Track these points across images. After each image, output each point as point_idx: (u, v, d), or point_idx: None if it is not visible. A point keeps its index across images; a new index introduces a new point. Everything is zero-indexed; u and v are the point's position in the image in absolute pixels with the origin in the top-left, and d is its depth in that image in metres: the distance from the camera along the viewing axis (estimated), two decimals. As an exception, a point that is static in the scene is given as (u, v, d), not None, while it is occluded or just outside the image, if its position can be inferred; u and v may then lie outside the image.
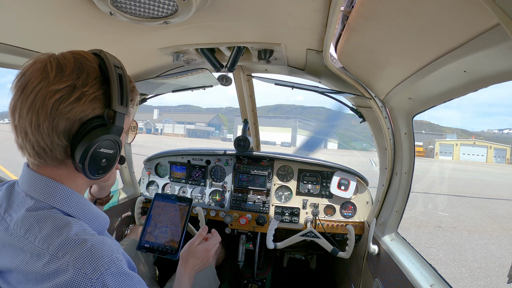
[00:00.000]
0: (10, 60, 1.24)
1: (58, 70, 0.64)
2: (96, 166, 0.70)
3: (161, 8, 0.91)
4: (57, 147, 0.66)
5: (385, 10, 0.85)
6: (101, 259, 0.61)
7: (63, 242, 0.62)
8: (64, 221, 0.66)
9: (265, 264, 2.40)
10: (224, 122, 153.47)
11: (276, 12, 1.01)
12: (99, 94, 0.68)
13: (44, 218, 0.66)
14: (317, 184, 2.18)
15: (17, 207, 0.70)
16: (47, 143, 0.65)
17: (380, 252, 1.69)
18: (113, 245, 0.67)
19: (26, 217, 0.66)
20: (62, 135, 0.65)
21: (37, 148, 0.66)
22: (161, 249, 1.36)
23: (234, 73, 1.94)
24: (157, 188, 2.41)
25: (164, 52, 1.43)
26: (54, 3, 0.90)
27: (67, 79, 0.64)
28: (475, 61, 0.82)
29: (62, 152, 0.67)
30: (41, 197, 0.69)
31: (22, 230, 0.65)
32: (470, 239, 6.36)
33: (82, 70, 0.67)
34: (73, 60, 0.67)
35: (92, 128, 0.67)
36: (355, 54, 1.25)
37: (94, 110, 0.67)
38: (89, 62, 0.69)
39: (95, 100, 0.67)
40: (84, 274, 0.59)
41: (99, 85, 0.68)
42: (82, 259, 0.60)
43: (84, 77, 0.66)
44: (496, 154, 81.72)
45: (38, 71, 0.64)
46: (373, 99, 1.49)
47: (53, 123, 0.64)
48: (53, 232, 0.63)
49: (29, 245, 0.63)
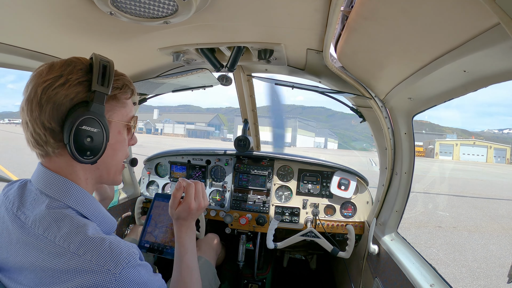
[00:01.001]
0: (10, 60, 1.24)
1: (50, 67, 0.74)
2: (81, 145, 0.73)
3: (161, 8, 0.91)
4: (49, 132, 0.72)
5: (384, 10, 0.85)
6: (120, 254, 0.67)
7: (83, 241, 0.67)
8: (80, 221, 0.71)
9: (265, 264, 2.40)
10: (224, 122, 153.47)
11: (276, 12, 1.01)
12: (83, 80, 0.74)
13: (62, 217, 0.70)
14: (317, 184, 2.18)
15: (31, 205, 0.74)
16: (41, 129, 0.72)
17: (380, 252, 1.69)
18: (126, 241, 0.73)
19: (43, 216, 0.70)
20: (51, 119, 0.71)
21: (34, 135, 0.73)
22: (161, 249, 1.36)
23: (234, 73, 1.93)
24: (157, 188, 2.41)
25: (164, 52, 1.43)
26: (54, 3, 0.90)
27: (56, 71, 0.72)
28: (475, 60, 0.82)
29: (55, 137, 0.73)
30: (56, 195, 0.74)
31: (40, 229, 0.69)
32: (470, 239, 6.36)
33: (70, 64, 0.74)
34: (65, 60, 0.76)
35: (76, 109, 0.72)
36: (355, 54, 1.25)
37: (78, 94, 0.73)
38: (79, 60, 0.76)
39: (79, 84, 0.73)
40: (107, 270, 0.65)
41: (84, 73, 0.74)
42: (104, 256, 0.66)
43: (70, 68, 0.74)
44: (496, 154, 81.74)
45: (37, 73, 0.74)
46: (373, 99, 1.49)
47: (42, 108, 0.70)
48: (71, 231, 0.68)
49: (49, 244, 0.67)
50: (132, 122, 0.88)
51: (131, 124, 0.88)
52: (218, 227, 2.29)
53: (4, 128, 45.93)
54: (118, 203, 2.17)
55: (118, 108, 0.83)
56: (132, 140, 0.92)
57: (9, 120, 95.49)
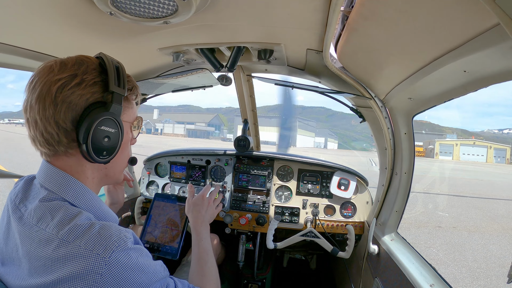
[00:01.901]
0: (10, 60, 1.24)
1: (61, 65, 0.72)
2: (99, 145, 0.73)
3: (161, 8, 0.91)
4: (63, 131, 0.71)
5: (384, 10, 0.85)
6: (110, 238, 0.66)
7: (72, 227, 0.66)
8: (75, 211, 0.71)
9: (265, 264, 2.40)
10: (224, 122, 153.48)
11: (276, 12, 1.01)
12: (98, 80, 0.74)
13: (57, 207, 0.71)
14: (317, 184, 2.18)
15: (32, 198, 0.75)
16: (54, 128, 0.71)
17: (380, 252, 1.69)
18: (121, 227, 0.72)
19: (39, 207, 0.71)
20: (66, 118, 0.71)
21: (45, 134, 0.71)
22: (161, 249, 1.36)
23: (234, 73, 1.93)
24: (157, 188, 2.40)
25: (164, 52, 1.43)
26: (53, 3, 0.90)
27: (69, 70, 0.72)
28: (475, 61, 0.82)
29: (68, 136, 0.72)
30: (54, 189, 0.74)
31: (34, 219, 0.69)
32: (470, 239, 6.36)
33: (83, 63, 0.74)
34: (75, 58, 0.75)
35: (93, 109, 0.72)
36: (355, 54, 1.25)
37: (94, 94, 0.73)
38: (89, 59, 0.76)
39: (94, 85, 0.73)
40: (97, 254, 0.63)
41: (98, 73, 0.75)
42: (92, 241, 0.65)
43: (84, 67, 0.73)
44: (496, 154, 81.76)
45: (45, 69, 0.72)
46: (373, 99, 1.49)
47: (57, 107, 0.69)
48: (64, 219, 0.68)
49: (40, 232, 0.67)
50: (136, 122, 0.90)
51: (135, 124, 0.90)
52: (218, 227, 2.29)
53: (4, 128, 45.92)
54: (118, 203, 2.17)
55: (127, 108, 0.84)
56: (134, 140, 0.94)
57: (9, 120, 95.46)
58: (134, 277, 0.67)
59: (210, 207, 1.30)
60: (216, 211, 1.33)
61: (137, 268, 0.68)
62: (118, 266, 0.64)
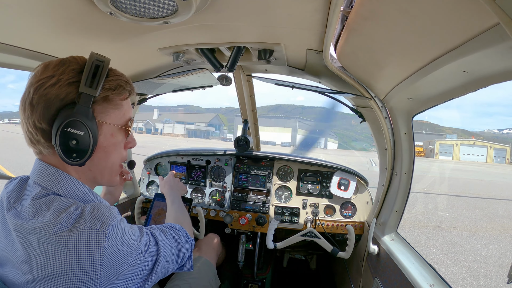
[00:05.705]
0: (10, 60, 1.24)
1: (45, 67, 0.74)
2: (67, 147, 0.72)
3: (161, 8, 0.91)
4: (40, 131, 0.73)
5: (384, 10, 0.85)
6: (103, 214, 0.72)
7: (69, 213, 0.70)
8: (69, 201, 0.74)
9: (265, 264, 2.40)
10: (224, 122, 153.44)
11: (276, 12, 1.01)
12: (74, 80, 0.73)
13: (52, 200, 0.72)
14: (317, 184, 2.18)
15: (27, 196, 0.76)
16: (32, 128, 0.73)
17: (380, 252, 1.69)
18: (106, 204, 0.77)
19: (34, 203, 0.73)
20: (42, 118, 0.72)
21: (28, 133, 0.75)
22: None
23: (234, 73, 1.93)
24: (157, 188, 2.40)
25: (164, 52, 1.43)
26: (53, 3, 0.90)
27: (50, 71, 0.73)
28: (474, 61, 0.82)
29: (45, 136, 0.73)
30: (47, 185, 0.76)
31: (31, 214, 0.71)
32: (470, 239, 6.36)
33: (65, 63, 0.74)
34: (59, 59, 0.75)
35: (65, 110, 0.72)
36: (355, 54, 1.25)
37: (68, 94, 0.72)
38: (75, 60, 0.76)
39: (70, 85, 0.73)
40: (95, 229, 0.69)
41: (76, 73, 0.74)
42: (89, 220, 0.70)
43: (63, 68, 0.73)
44: (496, 154, 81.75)
45: (33, 73, 0.75)
46: (373, 99, 1.49)
47: (34, 108, 0.71)
48: (59, 207, 0.71)
49: (38, 222, 0.69)
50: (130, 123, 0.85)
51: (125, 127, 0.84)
52: (218, 227, 2.29)
53: (4, 128, 45.93)
54: (118, 203, 2.16)
55: (111, 110, 0.80)
56: (130, 143, 0.90)
57: (9, 120, 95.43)
58: (128, 242, 0.75)
59: (178, 182, 1.62)
60: (183, 184, 1.65)
61: (128, 234, 0.76)
62: (116, 237, 0.71)
